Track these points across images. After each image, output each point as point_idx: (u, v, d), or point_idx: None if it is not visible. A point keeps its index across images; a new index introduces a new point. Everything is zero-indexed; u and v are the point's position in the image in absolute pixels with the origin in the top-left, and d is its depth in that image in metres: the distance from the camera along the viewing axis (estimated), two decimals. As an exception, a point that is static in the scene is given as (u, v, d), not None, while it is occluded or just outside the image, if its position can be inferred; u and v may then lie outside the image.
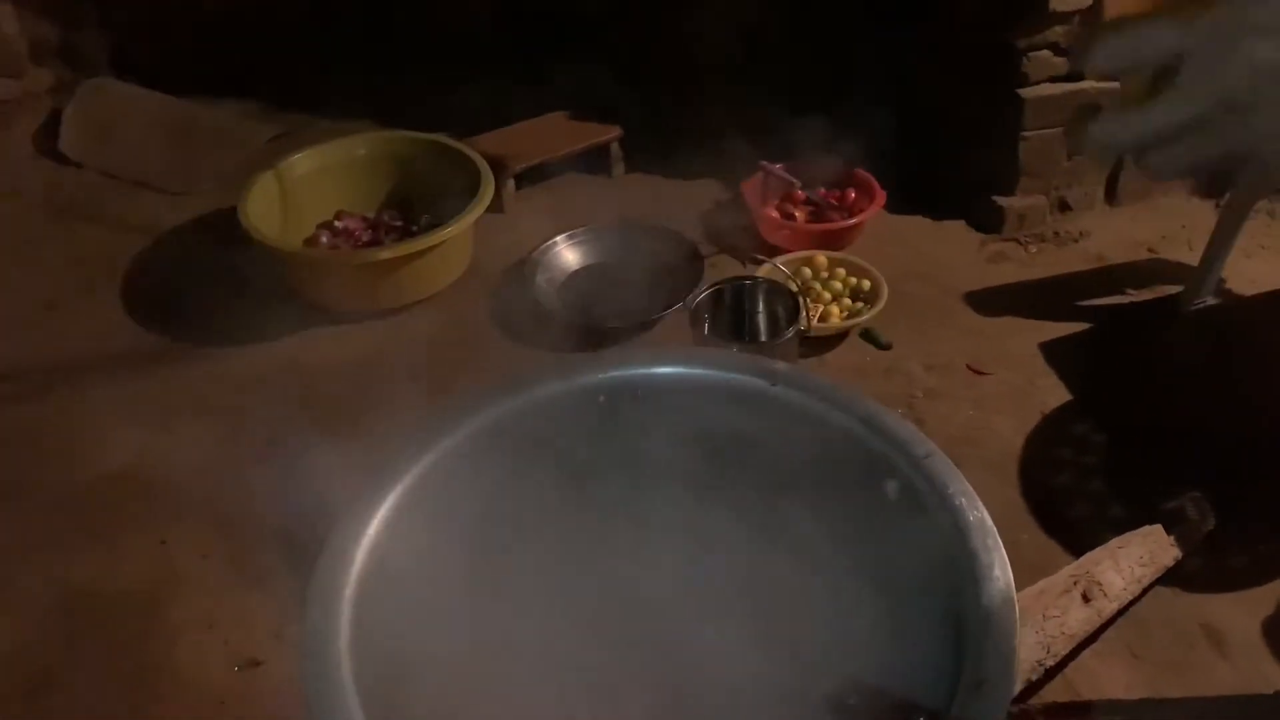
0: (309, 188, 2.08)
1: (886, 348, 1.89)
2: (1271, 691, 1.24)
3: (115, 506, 1.62)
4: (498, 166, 2.10)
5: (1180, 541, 1.43)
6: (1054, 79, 2.04)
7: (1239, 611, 1.41)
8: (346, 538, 0.81)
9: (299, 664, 0.72)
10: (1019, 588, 1.29)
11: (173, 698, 1.33)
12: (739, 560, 0.93)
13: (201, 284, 2.05)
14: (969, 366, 1.86)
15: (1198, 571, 1.45)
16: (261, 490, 1.62)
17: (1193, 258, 1.98)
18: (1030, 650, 1.23)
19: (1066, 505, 1.59)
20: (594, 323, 1.87)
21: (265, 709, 1.31)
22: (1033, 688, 1.25)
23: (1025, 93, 2.02)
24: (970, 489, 0.81)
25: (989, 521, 0.78)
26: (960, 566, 0.76)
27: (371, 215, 2.14)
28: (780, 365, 0.95)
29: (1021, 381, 1.82)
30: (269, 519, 1.53)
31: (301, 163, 2.09)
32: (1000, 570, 0.75)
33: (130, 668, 1.37)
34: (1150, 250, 2.12)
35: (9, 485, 1.67)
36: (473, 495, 0.88)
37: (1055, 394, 1.79)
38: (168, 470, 1.69)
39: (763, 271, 1.87)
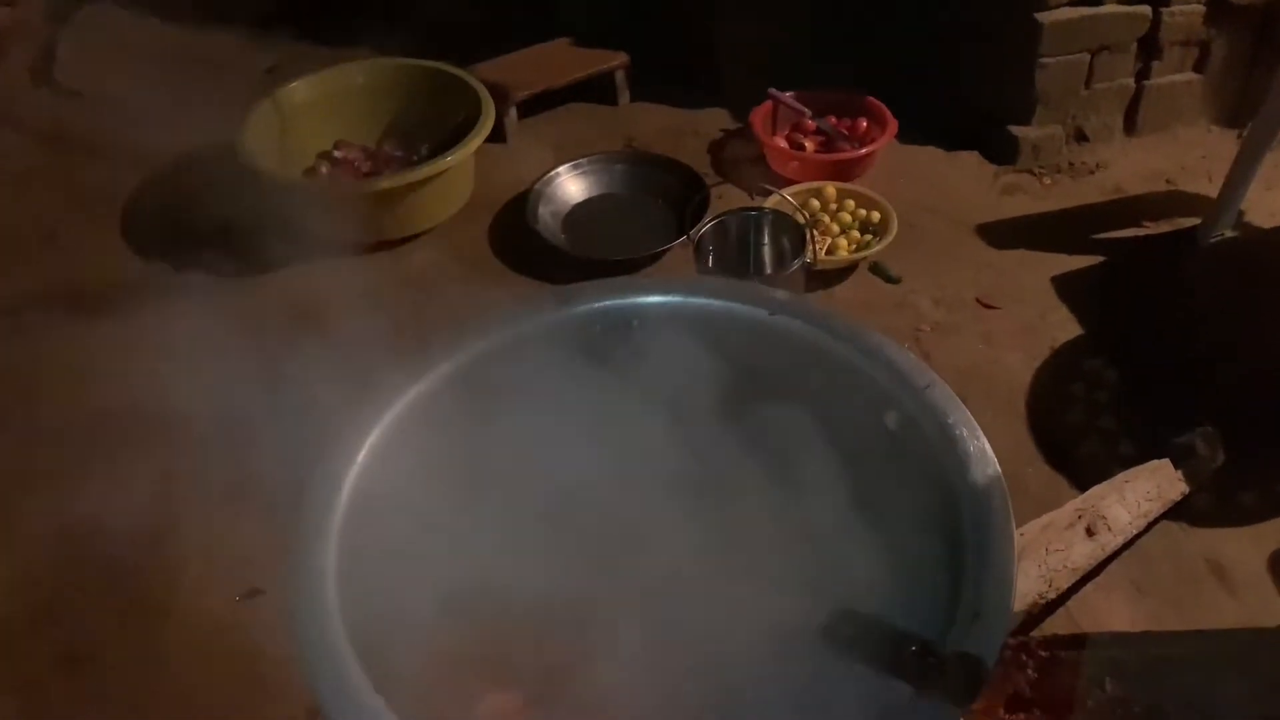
0: (308, 117, 2.05)
1: (895, 281, 1.86)
2: (1275, 626, 1.23)
3: (117, 438, 1.62)
4: (499, 95, 2.05)
5: (1188, 477, 1.41)
6: (1074, 3, 1.96)
7: (1245, 547, 1.40)
8: (334, 466, 0.80)
9: (284, 594, 0.71)
10: (1024, 522, 1.29)
11: (175, 626, 1.34)
12: (737, 492, 0.91)
13: (200, 215, 2.02)
14: (979, 300, 1.82)
15: (1205, 507, 1.43)
16: (263, 423, 1.62)
17: (1212, 190, 1.93)
18: (1032, 583, 1.22)
19: (1075, 441, 1.57)
20: (597, 255, 1.84)
21: (266, 636, 1.31)
22: (1034, 620, 1.24)
23: (1043, 17, 1.95)
24: (971, 419, 0.79)
25: (990, 452, 0.77)
26: (959, 498, 0.75)
27: (371, 146, 2.11)
28: (780, 294, 0.92)
29: (1032, 316, 1.79)
30: (270, 451, 1.52)
31: (300, 91, 2.05)
32: (1000, 501, 0.73)
33: (132, 597, 1.38)
34: (1168, 182, 2.06)
35: (11, 416, 1.67)
36: (466, 423, 0.87)
37: (1066, 328, 1.76)
38: (170, 402, 1.69)
39: (770, 203, 1.83)
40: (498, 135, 2.04)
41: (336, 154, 2.06)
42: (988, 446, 0.77)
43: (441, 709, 0.81)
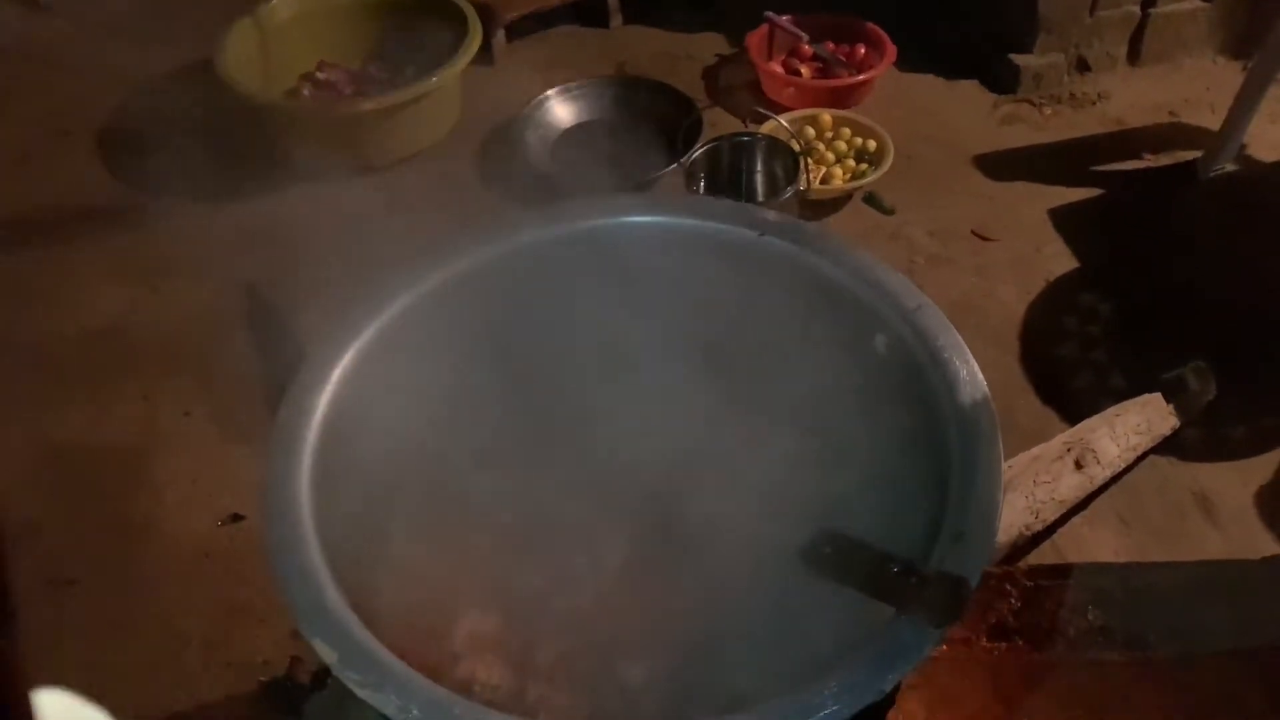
0: (290, 36, 1.98)
1: (890, 212, 1.83)
2: (1260, 558, 1.24)
3: (98, 362, 1.60)
4: (487, 16, 1.99)
5: (1179, 411, 1.41)
6: (1081, -75, 1.91)
7: (1233, 481, 1.40)
8: (309, 387, 0.78)
9: (260, 517, 0.70)
10: (1013, 454, 1.29)
11: (157, 550, 1.34)
12: (722, 414, 0.90)
13: (180, 137, 1.97)
14: (974, 232, 1.80)
15: (1195, 441, 1.43)
16: (244, 348, 1.60)
17: (1215, 122, 1.89)
18: (1019, 515, 1.22)
19: (1067, 375, 1.55)
20: (586, 182, 1.80)
21: (249, 562, 1.31)
22: (1020, 552, 1.24)
23: (1049, -60, 1.90)
24: (961, 342, 0.77)
25: (979, 376, 0.75)
26: (946, 420, 0.74)
27: (355, 67, 2.05)
28: (768, 214, 0.90)
29: (1028, 249, 1.76)
30: (251, 376, 1.50)
31: (281, 8, 1.98)
32: (987, 424, 0.72)
33: (114, 521, 1.37)
34: (1171, 114, 2.02)
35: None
36: (446, 342, 0.85)
37: (1062, 262, 1.74)
38: (151, 327, 1.67)
39: (765, 129, 1.79)
40: (485, 57, 1.99)
41: (319, 75, 2.00)
42: (977, 369, 0.75)
43: (420, 630, 0.80)
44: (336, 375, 0.78)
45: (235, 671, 1.21)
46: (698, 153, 1.64)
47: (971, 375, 0.75)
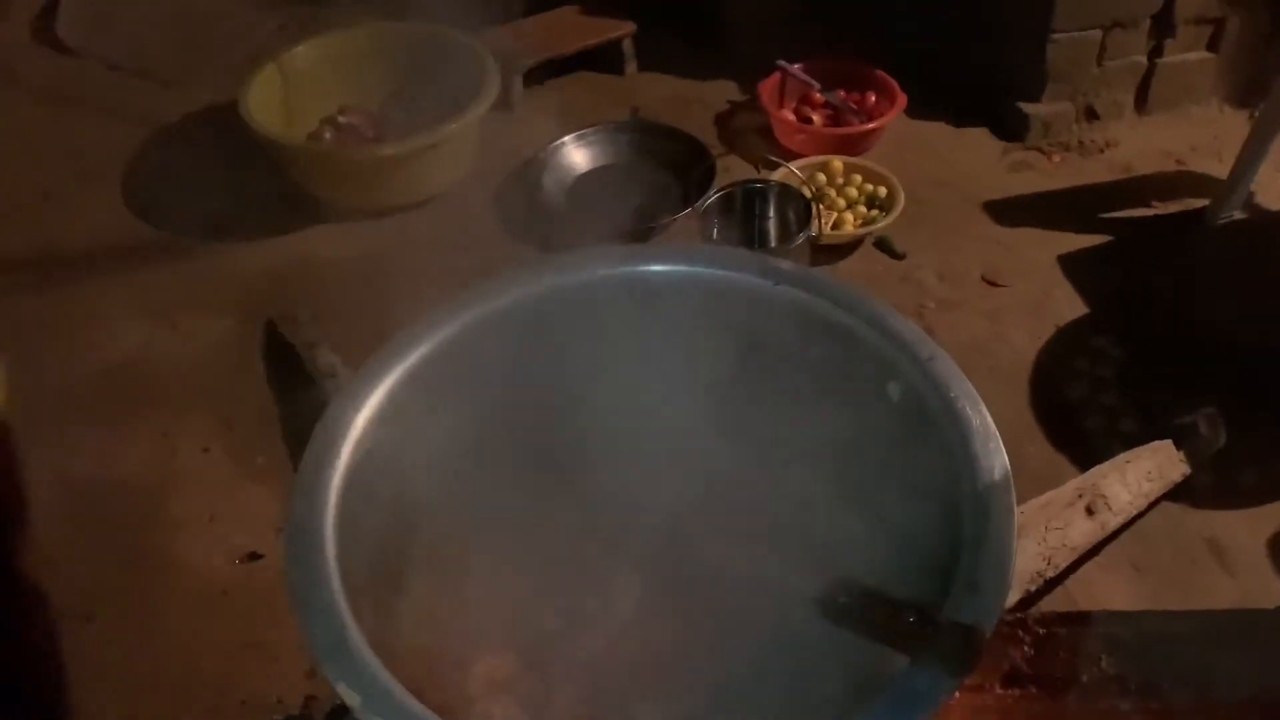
0: (312, 80, 2.03)
1: (901, 257, 1.85)
2: (1274, 606, 1.23)
3: (117, 399, 1.62)
4: (505, 62, 2.03)
5: (1190, 457, 1.41)
6: (1088, -24, 1.94)
7: (1245, 528, 1.40)
8: (335, 427, 0.79)
9: (283, 555, 0.71)
10: (1024, 499, 1.29)
11: (174, 587, 1.35)
12: (736, 460, 0.91)
13: (202, 178, 2.01)
14: (984, 277, 1.81)
15: (1206, 488, 1.43)
16: (263, 385, 1.62)
17: (1222, 170, 1.92)
18: (1031, 561, 1.22)
19: (1077, 419, 1.56)
20: (601, 226, 1.83)
21: (265, 600, 1.32)
22: (1032, 598, 1.24)
23: (1056, -8, 1.93)
24: (974, 392, 0.78)
25: (991, 425, 0.76)
26: (960, 469, 0.74)
27: (376, 111, 2.09)
28: (784, 264, 0.91)
29: (1037, 293, 1.78)
30: (271, 413, 1.53)
31: (304, 54, 2.03)
32: (1000, 474, 0.73)
33: (131, 557, 1.39)
34: (1179, 161, 2.05)
35: (9, 374, 1.66)
36: (466, 388, 0.87)
37: (1071, 307, 1.75)
38: (170, 364, 1.69)
39: (776, 176, 1.82)
40: (503, 103, 2.02)
41: (341, 119, 2.04)
42: (989, 419, 0.76)
43: (437, 672, 0.81)
44: (361, 419, 0.79)
45: (249, 710, 1.21)
46: (712, 198, 1.67)
47: (984, 425, 0.76)
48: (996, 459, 0.74)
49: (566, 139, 2.01)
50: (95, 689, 1.25)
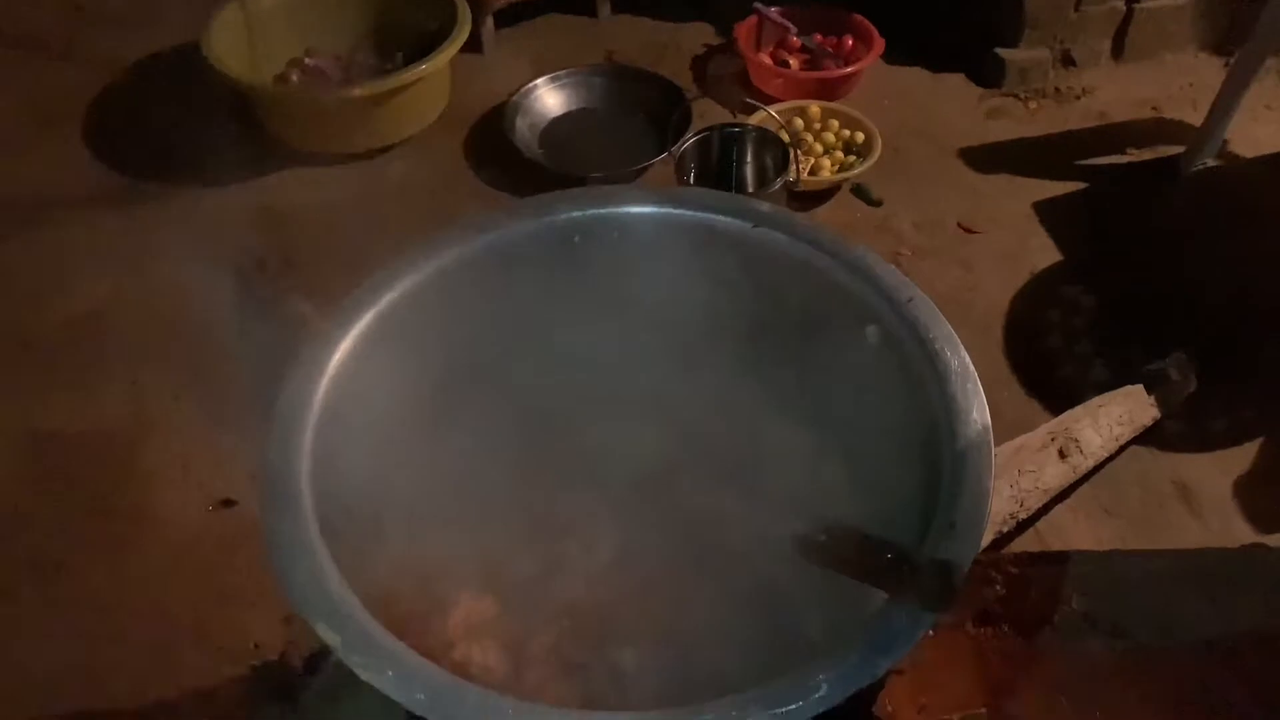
0: (278, 22, 1.97)
1: (877, 204, 1.84)
2: (1238, 546, 1.26)
3: (85, 348, 1.59)
4: (475, 3, 1.98)
5: (1161, 402, 1.43)
6: (1068, -80, 1.92)
7: (1213, 472, 1.42)
8: (308, 371, 0.78)
9: (258, 498, 0.70)
10: (998, 444, 1.29)
11: (147, 535, 1.34)
12: (714, 407, 0.91)
13: (166, 122, 1.95)
14: (960, 225, 1.81)
15: (1176, 432, 1.45)
16: (234, 333, 1.59)
17: (1197, 118, 1.92)
18: (1004, 503, 1.24)
19: (1050, 366, 1.57)
20: (576, 171, 1.81)
21: (241, 547, 1.31)
22: (1004, 539, 1.26)
23: (1036, -66, 1.91)
24: (953, 334, 0.79)
25: (970, 366, 0.76)
26: (938, 411, 0.75)
27: (344, 54, 2.04)
28: (763, 206, 0.90)
29: (1013, 241, 1.78)
30: (242, 362, 1.50)
31: (269, -7, 1.97)
32: (978, 414, 0.73)
33: (103, 507, 1.37)
34: (1154, 109, 2.05)
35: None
36: (440, 332, 0.86)
37: (1046, 254, 1.76)
38: (137, 312, 1.66)
39: (755, 119, 1.80)
40: (474, 45, 1.99)
41: (308, 61, 1.99)
42: (969, 361, 0.77)
43: (416, 616, 0.81)
44: (334, 362, 0.78)
45: (227, 655, 1.21)
46: (688, 143, 1.65)
47: (963, 366, 0.76)
48: (975, 400, 0.74)
49: (539, 82, 1.97)
50: (67, 638, 1.24)
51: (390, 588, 0.79)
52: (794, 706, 0.58)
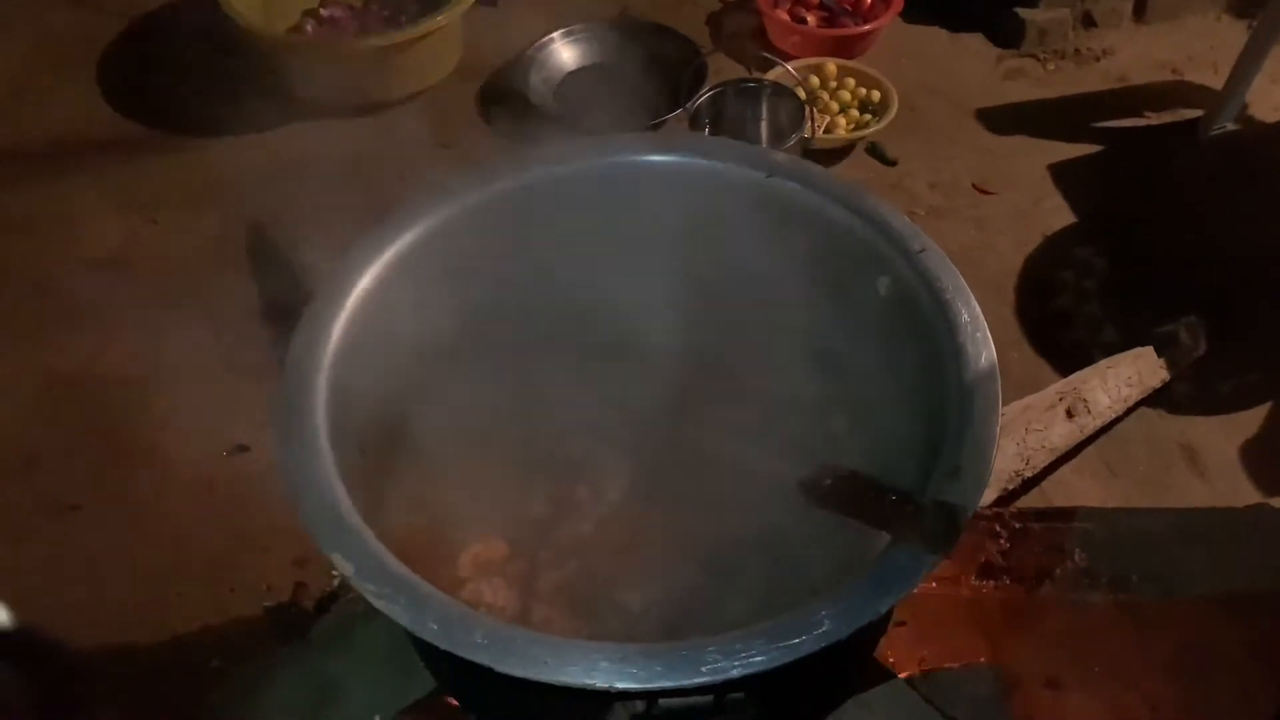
0: (292, -30, 1.96)
1: (892, 163, 1.83)
2: (1241, 506, 1.27)
3: (101, 294, 1.60)
4: (492, -46, 1.97)
5: (1170, 365, 1.43)
6: (1093, -124, 1.89)
7: (1220, 435, 1.42)
8: (323, 312, 0.79)
9: (273, 432, 0.71)
10: (1006, 403, 1.31)
11: (161, 479, 1.35)
12: (724, 353, 0.91)
13: (181, 71, 1.95)
14: (975, 186, 1.81)
15: (1184, 395, 1.45)
16: (249, 283, 1.60)
17: (1217, 81, 1.90)
18: (1009, 461, 1.24)
19: (1061, 327, 1.57)
20: (590, 126, 1.80)
21: (254, 492, 1.32)
22: (1009, 497, 1.27)
23: (1060, -109, 1.88)
24: (964, 284, 0.79)
25: (980, 316, 0.77)
26: (947, 360, 0.75)
27: (358, 5, 2.03)
28: (777, 156, 0.90)
29: (1027, 203, 1.77)
30: (256, 310, 1.52)
31: (284, -58, 1.96)
32: (987, 363, 0.74)
33: (118, 450, 1.39)
34: (1174, 72, 2.02)
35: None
36: (454, 275, 0.86)
37: (1060, 216, 1.75)
38: (153, 260, 1.67)
39: (772, 76, 1.79)
40: (489, -3, 1.97)
41: (323, 12, 1.98)
42: (978, 310, 0.77)
43: (428, 555, 0.82)
44: (350, 302, 0.79)
45: (240, 597, 1.23)
46: (703, 98, 1.64)
47: (973, 316, 0.76)
48: (984, 349, 0.75)
49: (554, 36, 1.96)
50: (83, 578, 1.27)
51: (403, 528, 0.81)
52: (796, 640, 0.59)
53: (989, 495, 1.20)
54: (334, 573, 1.21)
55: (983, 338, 0.75)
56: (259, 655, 1.10)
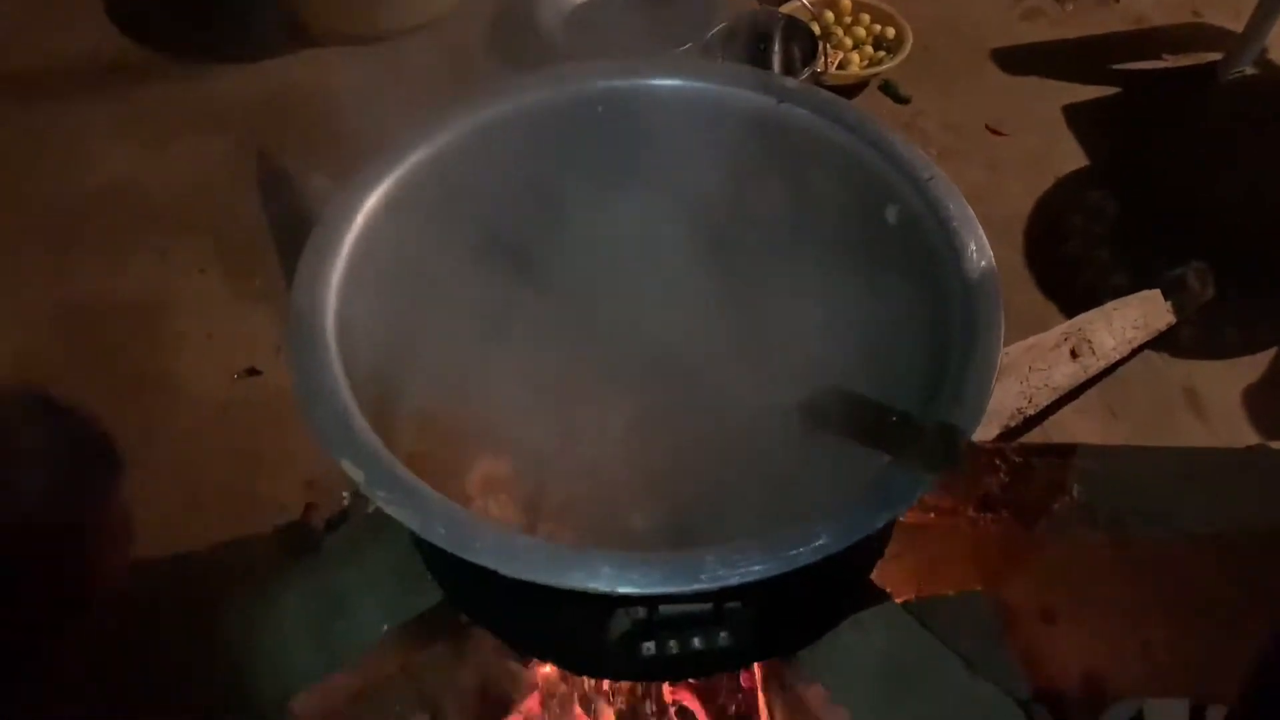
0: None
1: (905, 102, 1.82)
2: (1241, 448, 1.28)
3: (111, 220, 1.61)
4: (504, -119, 1.93)
5: (1177, 308, 1.43)
6: None
7: (1223, 379, 1.43)
8: (332, 231, 0.80)
9: (285, 343, 0.72)
10: (1011, 343, 1.31)
11: (174, 402, 1.37)
12: (728, 277, 0.92)
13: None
14: (987, 127, 1.79)
15: (1189, 339, 1.46)
16: (258, 211, 1.61)
17: (1238, 24, 1.87)
18: (1012, 399, 1.25)
19: (1070, 271, 1.57)
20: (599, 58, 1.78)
21: (265, 415, 1.35)
22: (1011, 435, 1.28)
23: None
24: (970, 212, 0.79)
25: (986, 244, 0.77)
26: (951, 289, 0.76)
27: (368, -70, 2.00)
28: (789, 82, 0.90)
29: (1040, 145, 1.76)
30: (266, 237, 1.52)
31: None
32: (991, 290, 0.74)
33: (132, 374, 1.41)
34: (1194, 13, 1.99)
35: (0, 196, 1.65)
36: (464, 198, 0.87)
37: (1073, 159, 1.74)
38: (163, 187, 1.68)
39: (786, 9, 1.77)
40: (501, -75, 1.94)
41: (330, -62, 1.95)
42: (984, 238, 0.77)
43: (435, 474, 0.84)
44: (359, 220, 0.79)
45: (251, 516, 1.25)
46: (716, 31, 1.62)
47: (980, 244, 0.77)
48: (988, 276, 0.75)
49: (567, -33, 1.93)
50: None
51: (411, 451, 0.82)
52: (794, 552, 0.61)
53: (990, 431, 1.21)
54: (344, 494, 1.24)
55: (988, 265, 0.76)
56: (269, 570, 1.13)
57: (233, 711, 0.87)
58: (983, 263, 0.76)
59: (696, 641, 0.71)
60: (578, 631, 0.75)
